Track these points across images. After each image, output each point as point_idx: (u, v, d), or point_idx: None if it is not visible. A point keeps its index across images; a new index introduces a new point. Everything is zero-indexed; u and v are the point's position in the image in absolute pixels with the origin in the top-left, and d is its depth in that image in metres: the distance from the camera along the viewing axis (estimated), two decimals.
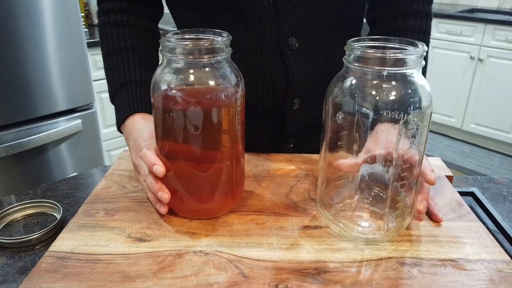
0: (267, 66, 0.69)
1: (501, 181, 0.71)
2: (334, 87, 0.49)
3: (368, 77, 0.46)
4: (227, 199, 0.55)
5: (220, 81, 0.50)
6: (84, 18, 1.88)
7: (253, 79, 0.70)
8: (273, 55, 0.68)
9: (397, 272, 0.46)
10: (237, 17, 0.67)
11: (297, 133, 0.76)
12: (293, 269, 0.46)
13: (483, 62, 2.76)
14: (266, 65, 0.69)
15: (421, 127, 0.47)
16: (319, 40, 0.70)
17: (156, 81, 0.51)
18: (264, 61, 0.69)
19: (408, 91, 0.46)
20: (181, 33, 0.52)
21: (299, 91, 0.71)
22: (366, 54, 0.45)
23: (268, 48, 0.68)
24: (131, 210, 0.57)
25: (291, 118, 0.73)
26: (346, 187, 0.55)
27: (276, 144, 0.77)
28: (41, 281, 0.44)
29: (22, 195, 0.64)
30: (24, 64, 1.49)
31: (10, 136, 1.53)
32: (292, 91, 0.70)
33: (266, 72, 0.69)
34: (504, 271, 0.47)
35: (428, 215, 0.56)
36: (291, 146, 0.77)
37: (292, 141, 0.77)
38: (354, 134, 0.50)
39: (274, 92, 0.71)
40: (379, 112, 0.46)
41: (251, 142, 0.71)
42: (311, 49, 0.70)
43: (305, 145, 0.78)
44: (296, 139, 0.77)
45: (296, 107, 0.73)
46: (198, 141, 0.50)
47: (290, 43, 0.68)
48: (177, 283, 0.44)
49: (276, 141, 0.77)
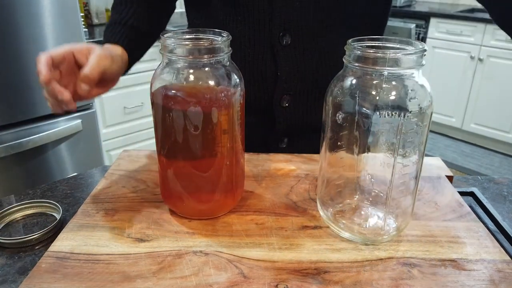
0: (259, 60, 0.69)
1: (501, 181, 0.71)
2: (334, 87, 0.49)
3: (368, 77, 0.46)
4: (227, 199, 0.55)
5: (220, 81, 0.50)
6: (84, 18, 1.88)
7: (245, 72, 0.70)
8: (265, 49, 0.68)
9: (397, 272, 0.46)
10: (234, 8, 0.67)
11: (289, 133, 0.76)
12: (293, 269, 0.46)
13: (483, 62, 2.76)
14: (257, 59, 0.69)
15: (421, 127, 0.47)
16: (314, 39, 0.69)
17: (155, 80, 0.51)
18: (256, 55, 0.69)
19: (408, 91, 0.46)
20: (181, 33, 0.52)
21: (288, 87, 0.71)
22: (366, 54, 0.45)
23: (261, 42, 0.68)
24: (131, 210, 0.57)
25: (281, 115, 0.73)
26: (346, 187, 0.55)
27: (266, 142, 0.77)
28: (41, 281, 0.44)
29: (21, 195, 0.64)
30: (24, 64, 1.49)
31: (10, 136, 1.53)
32: (281, 87, 0.70)
33: (258, 65, 0.69)
34: (504, 271, 0.47)
35: None
36: (283, 146, 0.77)
37: (285, 141, 0.77)
38: (354, 134, 0.50)
39: (263, 87, 0.71)
40: (379, 112, 0.46)
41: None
42: (305, 47, 0.69)
43: (299, 146, 0.78)
44: (289, 139, 0.77)
45: (285, 104, 0.72)
46: (198, 141, 0.50)
47: (282, 39, 0.67)
48: (177, 283, 0.44)
49: (266, 139, 0.77)
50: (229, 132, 0.51)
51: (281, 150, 0.77)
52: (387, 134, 0.48)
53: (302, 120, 0.75)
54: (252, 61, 0.69)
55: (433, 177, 0.66)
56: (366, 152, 0.52)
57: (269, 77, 0.70)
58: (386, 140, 0.48)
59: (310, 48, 0.70)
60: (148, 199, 0.59)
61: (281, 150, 0.77)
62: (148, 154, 0.72)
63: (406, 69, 0.45)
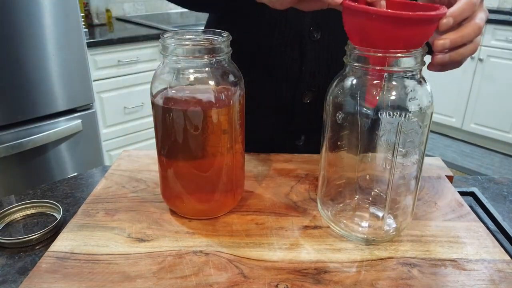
0: (286, 53, 0.68)
1: (501, 181, 0.71)
2: (335, 86, 0.49)
3: (368, 77, 0.46)
4: (227, 199, 0.55)
5: (220, 81, 0.50)
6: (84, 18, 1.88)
7: (268, 66, 0.69)
8: (293, 44, 0.68)
9: (397, 272, 0.46)
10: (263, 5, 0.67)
11: (307, 130, 0.75)
12: (293, 269, 0.46)
13: (483, 62, 2.76)
14: (284, 53, 0.68)
15: (422, 127, 0.47)
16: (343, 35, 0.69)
17: (156, 81, 0.51)
18: (284, 49, 0.68)
19: (408, 91, 0.46)
20: (181, 33, 0.52)
21: (311, 83, 0.70)
22: (366, 53, 0.45)
23: (290, 36, 0.68)
24: (131, 210, 0.57)
25: (301, 111, 0.73)
26: (346, 187, 0.55)
27: (284, 138, 0.77)
28: (41, 281, 0.44)
29: (22, 195, 0.64)
30: (24, 64, 1.49)
31: (10, 136, 1.53)
32: (305, 83, 0.70)
33: (284, 59, 0.69)
34: (504, 271, 0.47)
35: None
36: (301, 143, 0.77)
37: (302, 139, 0.76)
38: (354, 133, 0.50)
39: (286, 82, 0.70)
40: (380, 112, 0.46)
41: (259, 134, 0.70)
42: (334, 42, 0.69)
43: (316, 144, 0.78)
44: (307, 136, 0.76)
45: (307, 101, 0.72)
46: (198, 141, 0.50)
47: (312, 34, 0.67)
48: (177, 283, 0.44)
49: (284, 135, 0.76)
50: (229, 132, 0.51)
51: (298, 148, 0.76)
52: (388, 134, 0.48)
53: (321, 118, 0.75)
54: (277, 55, 0.69)
55: (433, 177, 0.66)
56: (367, 152, 0.52)
57: (294, 72, 0.69)
58: (386, 140, 0.48)
59: (337, 45, 0.69)
60: (148, 199, 0.59)
61: (298, 148, 0.76)
62: (148, 154, 0.72)
63: (406, 69, 0.45)
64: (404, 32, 0.42)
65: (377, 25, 0.42)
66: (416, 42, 0.44)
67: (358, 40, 0.45)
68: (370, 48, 0.44)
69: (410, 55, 0.44)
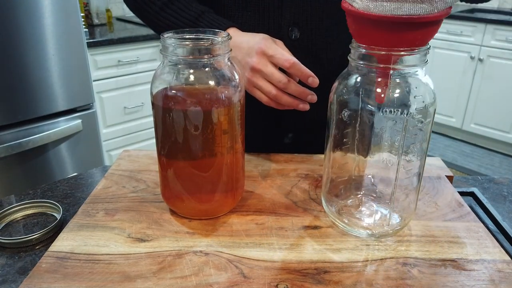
0: None
1: (501, 181, 0.71)
2: (339, 84, 0.50)
3: (373, 74, 0.47)
4: (227, 199, 0.55)
5: (220, 81, 0.50)
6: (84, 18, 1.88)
7: None
8: None
9: (397, 272, 0.46)
10: (243, 3, 0.67)
11: (294, 129, 0.76)
12: (293, 269, 0.46)
13: (483, 62, 2.76)
14: None
15: (425, 124, 0.47)
16: (323, 34, 0.69)
17: (156, 80, 0.51)
18: None
19: (412, 88, 0.46)
20: (181, 33, 0.52)
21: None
22: (370, 52, 0.45)
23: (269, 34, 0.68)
24: (131, 210, 0.57)
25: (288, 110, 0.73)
26: (350, 183, 0.56)
27: (270, 137, 0.77)
28: (41, 281, 0.44)
29: (22, 195, 0.64)
30: (24, 64, 1.49)
31: (10, 136, 1.52)
32: None
33: None
34: (504, 271, 0.47)
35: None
36: (288, 142, 0.77)
37: (289, 137, 0.76)
38: (359, 131, 0.50)
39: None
40: (384, 109, 0.46)
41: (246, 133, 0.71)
42: (313, 42, 0.69)
43: (304, 142, 0.78)
44: (295, 135, 0.77)
45: None
46: (198, 141, 0.50)
47: (291, 33, 0.67)
48: (177, 283, 0.44)
49: (271, 134, 0.76)
50: (229, 132, 0.52)
51: (285, 146, 0.77)
52: (392, 131, 0.48)
53: (309, 116, 0.75)
54: None
55: (433, 177, 0.66)
56: (371, 149, 0.52)
57: None
58: (390, 137, 0.48)
59: (319, 44, 0.69)
60: (148, 199, 0.59)
61: (285, 146, 0.77)
62: (148, 154, 0.72)
63: (410, 67, 0.45)
64: (408, 34, 0.43)
65: (379, 29, 0.42)
66: (420, 41, 0.44)
67: (363, 41, 0.46)
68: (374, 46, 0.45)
69: (414, 53, 0.44)
